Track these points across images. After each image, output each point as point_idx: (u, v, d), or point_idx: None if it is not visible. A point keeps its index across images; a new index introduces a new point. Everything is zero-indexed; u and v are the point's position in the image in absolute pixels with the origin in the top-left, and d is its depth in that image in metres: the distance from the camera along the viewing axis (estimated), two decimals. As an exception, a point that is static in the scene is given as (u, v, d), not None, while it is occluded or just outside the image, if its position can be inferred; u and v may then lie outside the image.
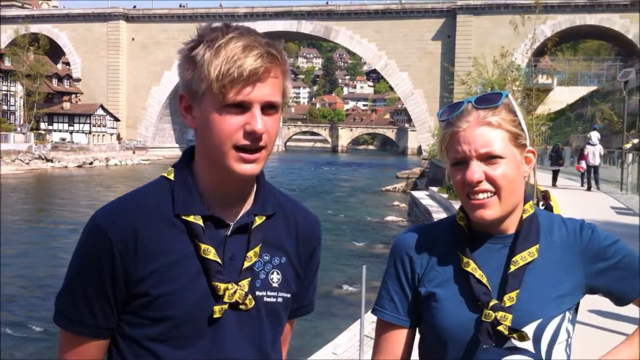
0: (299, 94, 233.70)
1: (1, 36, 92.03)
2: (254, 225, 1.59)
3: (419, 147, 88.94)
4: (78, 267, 1.53)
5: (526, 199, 1.74)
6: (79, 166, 72.41)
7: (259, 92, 1.45)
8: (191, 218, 1.52)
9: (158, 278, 1.49)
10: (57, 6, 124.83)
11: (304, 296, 1.76)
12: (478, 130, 1.63)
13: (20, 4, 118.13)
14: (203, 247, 1.50)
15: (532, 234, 1.69)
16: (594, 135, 25.58)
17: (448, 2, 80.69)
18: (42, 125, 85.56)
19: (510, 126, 1.65)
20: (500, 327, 1.60)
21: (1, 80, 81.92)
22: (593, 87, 63.96)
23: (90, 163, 74.98)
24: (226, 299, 1.51)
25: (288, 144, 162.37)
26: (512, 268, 1.65)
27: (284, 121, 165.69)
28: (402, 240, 1.81)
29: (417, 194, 33.71)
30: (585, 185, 25.23)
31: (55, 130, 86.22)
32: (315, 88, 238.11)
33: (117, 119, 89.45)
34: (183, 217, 1.52)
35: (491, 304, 1.62)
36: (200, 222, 1.52)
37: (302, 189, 53.77)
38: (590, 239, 1.70)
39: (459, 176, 1.66)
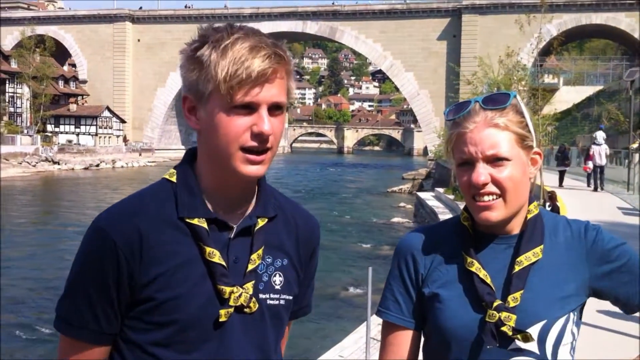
0: (305, 94, 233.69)
1: (7, 38, 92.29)
2: (257, 227, 1.58)
3: (425, 147, 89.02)
4: (81, 272, 1.51)
5: (530, 200, 1.73)
6: (86, 168, 72.50)
7: (266, 93, 1.44)
8: (195, 221, 1.50)
9: (163, 282, 1.47)
10: (63, 8, 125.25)
11: (303, 297, 1.75)
12: (485, 132, 1.62)
13: (26, 5, 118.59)
14: (208, 250, 1.49)
15: (536, 234, 1.68)
16: (600, 135, 25.47)
17: (453, 2, 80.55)
18: (49, 128, 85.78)
19: (517, 128, 1.64)
20: (504, 328, 1.60)
21: (7, 82, 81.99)
22: (599, 87, 63.74)
23: (97, 165, 75.04)
24: (232, 303, 1.50)
25: (294, 145, 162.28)
26: (517, 268, 1.64)
27: (290, 122, 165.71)
28: (406, 241, 1.81)
29: (423, 195, 33.71)
30: (592, 185, 25.17)
31: (61, 132, 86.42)
32: (320, 89, 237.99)
33: (123, 121, 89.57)
34: (187, 220, 1.50)
35: (495, 304, 1.61)
36: (205, 225, 1.50)
37: (308, 191, 53.73)
38: (594, 240, 1.69)
39: (465, 177, 1.65)
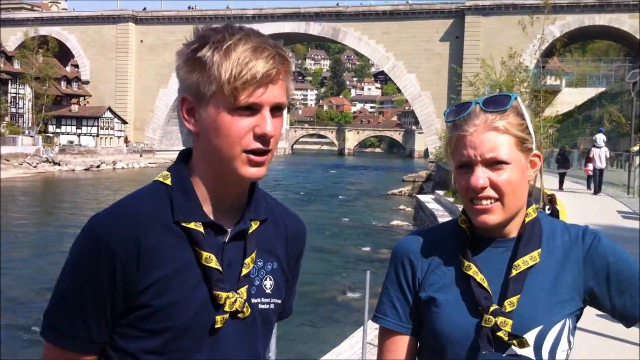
0: (307, 96, 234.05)
1: (11, 39, 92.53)
2: (250, 230, 1.56)
3: (426, 149, 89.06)
4: (75, 279, 1.47)
5: (529, 203, 1.72)
6: (86, 169, 72.63)
7: (270, 94, 1.43)
8: (192, 225, 1.47)
9: (160, 288, 1.45)
10: (66, 9, 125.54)
11: (287, 300, 1.72)
12: (485, 135, 1.61)
13: (29, 6, 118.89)
14: (205, 254, 1.47)
15: (534, 238, 1.67)
16: (600, 138, 25.43)
17: (456, 3, 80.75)
18: (50, 128, 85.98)
19: (517, 131, 1.63)
20: (500, 333, 1.58)
21: (10, 82, 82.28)
22: (602, 89, 63.71)
23: (98, 166, 75.17)
24: (227, 308, 1.48)
25: (295, 146, 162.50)
26: (514, 272, 1.62)
27: (291, 124, 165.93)
28: (402, 244, 1.79)
29: (423, 197, 33.72)
30: (592, 188, 25.14)
31: (63, 133, 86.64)
32: (322, 90, 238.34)
33: (124, 122, 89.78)
34: (183, 224, 1.48)
35: (491, 308, 1.60)
36: (201, 229, 1.48)
37: (309, 192, 53.83)
38: (592, 245, 1.67)
39: (464, 181, 1.64)
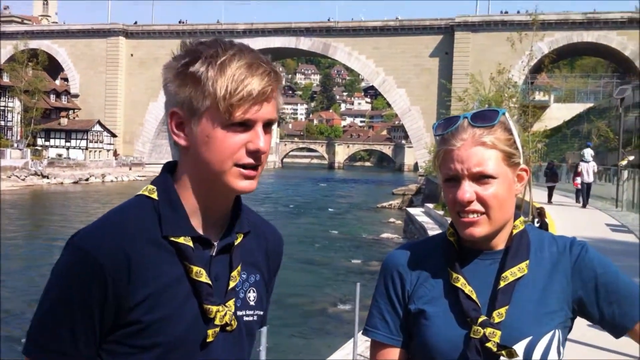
0: (297, 110, 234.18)
1: (0, 52, 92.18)
2: (235, 243, 1.56)
3: (416, 163, 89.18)
4: (63, 296, 1.43)
5: (516, 216, 1.73)
6: (75, 182, 72.27)
7: (263, 111, 1.44)
8: (181, 239, 1.46)
9: (151, 303, 1.43)
10: (56, 22, 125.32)
11: (265, 312, 1.72)
12: (472, 150, 1.62)
13: (19, 19, 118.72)
14: (195, 269, 1.46)
15: (522, 250, 1.68)
16: (588, 153, 25.66)
17: (446, 19, 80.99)
18: (39, 141, 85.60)
19: (504, 146, 1.64)
20: (488, 344, 1.58)
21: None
22: (590, 104, 64.03)
23: (86, 179, 74.84)
24: (217, 322, 1.47)
25: (285, 160, 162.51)
26: (502, 284, 1.63)
27: (281, 137, 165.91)
28: (392, 257, 1.80)
29: (412, 210, 33.82)
30: (581, 202, 25.30)
31: (52, 146, 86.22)
32: (312, 104, 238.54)
33: (114, 135, 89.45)
34: (172, 239, 1.47)
35: (480, 320, 1.60)
36: (190, 244, 1.47)
37: (299, 205, 53.78)
38: (580, 256, 1.68)
39: (451, 194, 1.65)
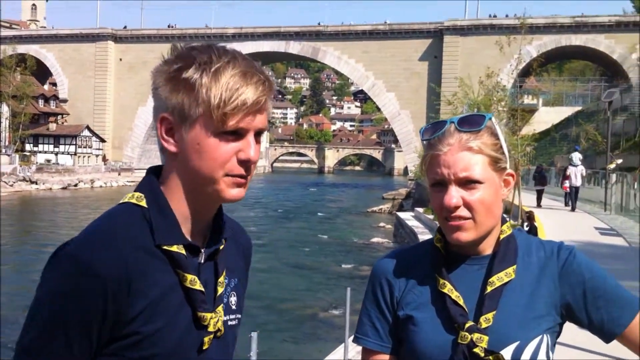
0: (286, 114, 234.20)
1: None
2: (220, 249, 1.56)
3: (405, 167, 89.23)
4: (57, 317, 1.37)
5: (504, 220, 1.73)
6: (64, 188, 71.99)
7: (257, 121, 1.44)
8: (174, 248, 1.44)
9: (148, 314, 1.41)
10: (45, 27, 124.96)
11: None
12: (459, 155, 1.63)
13: (7, 24, 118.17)
14: (189, 277, 1.45)
15: (509, 254, 1.68)
16: (576, 157, 25.80)
17: (435, 23, 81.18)
18: (28, 147, 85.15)
19: (491, 150, 1.65)
20: (476, 349, 1.59)
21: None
22: (578, 108, 64.39)
23: (75, 185, 74.57)
24: (211, 328, 1.47)
25: (275, 164, 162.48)
26: (489, 289, 1.64)
27: (271, 142, 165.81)
28: (380, 265, 1.81)
29: (402, 215, 33.88)
30: (570, 205, 25.42)
31: (40, 152, 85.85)
32: (302, 108, 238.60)
33: (103, 140, 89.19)
34: (165, 247, 1.44)
35: (467, 325, 1.61)
36: (183, 252, 1.46)
37: (289, 210, 53.78)
38: (567, 261, 1.68)
39: (438, 199, 1.66)
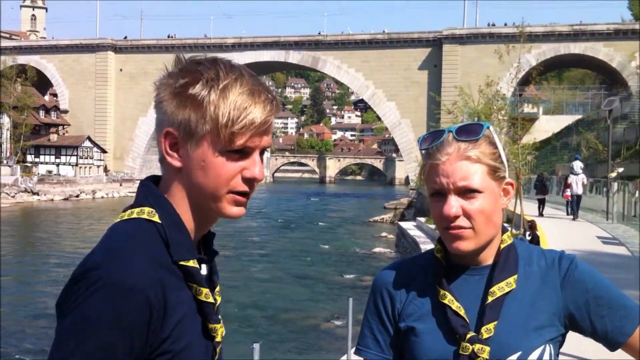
0: (287, 124, 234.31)
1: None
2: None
3: (407, 177, 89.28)
4: (106, 336, 1.29)
5: (504, 230, 1.73)
6: (65, 199, 72.00)
7: (263, 140, 1.44)
8: (191, 263, 1.43)
9: (177, 332, 1.39)
10: (45, 37, 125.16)
11: None
12: (457, 164, 1.63)
13: (7, 35, 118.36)
14: (204, 291, 1.44)
15: (510, 264, 1.68)
16: (577, 165, 25.79)
17: (434, 32, 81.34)
18: (29, 158, 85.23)
19: (489, 160, 1.65)
20: (478, 360, 1.58)
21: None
22: (578, 116, 64.30)
23: (77, 196, 74.57)
24: (218, 339, 1.48)
25: (276, 174, 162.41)
26: (490, 299, 1.64)
27: (272, 152, 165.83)
28: (381, 276, 1.81)
29: (404, 224, 33.82)
30: (572, 214, 25.40)
31: (41, 163, 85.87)
32: (303, 118, 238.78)
33: (104, 151, 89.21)
34: (181, 263, 1.43)
35: (468, 336, 1.61)
36: (197, 266, 1.45)
37: (291, 220, 53.75)
38: (569, 270, 1.68)
39: (437, 209, 1.66)
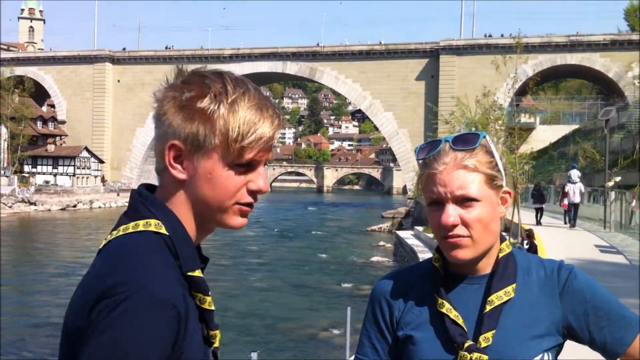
0: (285, 134, 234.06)
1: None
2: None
3: (404, 186, 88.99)
4: (145, 355, 1.29)
5: (502, 239, 1.74)
6: (63, 209, 71.79)
7: (268, 153, 1.47)
8: (197, 273, 1.44)
9: (189, 341, 1.39)
10: (42, 49, 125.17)
11: None
12: (454, 173, 1.63)
13: (5, 46, 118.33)
14: (208, 299, 1.45)
15: (508, 273, 1.68)
16: (574, 174, 25.83)
17: (431, 43, 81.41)
18: (26, 168, 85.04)
19: (486, 168, 1.65)
20: (476, 369, 1.58)
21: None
22: (575, 126, 64.30)
23: (74, 206, 74.31)
24: (216, 344, 1.48)
25: (273, 184, 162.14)
26: (488, 308, 1.64)
27: (269, 162, 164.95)
28: (380, 285, 1.81)
29: (402, 233, 33.75)
30: (569, 223, 25.40)
31: (39, 173, 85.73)
32: (300, 128, 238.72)
33: (101, 161, 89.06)
34: (189, 274, 1.43)
35: (466, 345, 1.61)
36: (202, 275, 1.46)
37: (289, 229, 53.63)
38: (568, 280, 1.68)
39: (435, 219, 1.66)
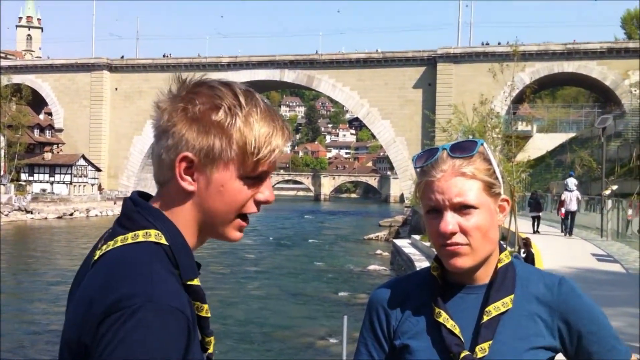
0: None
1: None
2: None
3: (402, 194, 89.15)
4: None
5: (502, 248, 1.73)
6: (59, 217, 71.78)
7: (276, 166, 1.49)
8: (195, 282, 1.45)
9: (192, 351, 1.38)
10: (40, 57, 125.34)
11: None
12: (452, 181, 1.63)
13: (3, 54, 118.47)
14: (205, 307, 1.46)
15: (507, 284, 1.68)
16: (571, 182, 25.91)
17: (428, 51, 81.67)
18: (23, 176, 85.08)
19: (484, 176, 1.65)
20: (471, 380, 1.57)
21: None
22: (572, 134, 64.50)
23: (71, 214, 74.26)
24: (211, 350, 1.49)
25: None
26: (485, 318, 1.63)
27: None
28: (377, 294, 1.81)
29: (399, 242, 33.70)
30: (566, 231, 25.44)
31: (36, 181, 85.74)
32: (298, 136, 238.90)
33: (98, 169, 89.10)
34: (189, 283, 1.44)
35: (462, 355, 1.60)
36: (200, 284, 1.46)
37: (285, 237, 53.66)
38: (568, 296, 1.67)
39: (433, 227, 1.66)
